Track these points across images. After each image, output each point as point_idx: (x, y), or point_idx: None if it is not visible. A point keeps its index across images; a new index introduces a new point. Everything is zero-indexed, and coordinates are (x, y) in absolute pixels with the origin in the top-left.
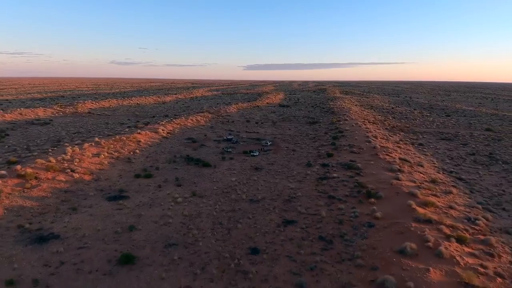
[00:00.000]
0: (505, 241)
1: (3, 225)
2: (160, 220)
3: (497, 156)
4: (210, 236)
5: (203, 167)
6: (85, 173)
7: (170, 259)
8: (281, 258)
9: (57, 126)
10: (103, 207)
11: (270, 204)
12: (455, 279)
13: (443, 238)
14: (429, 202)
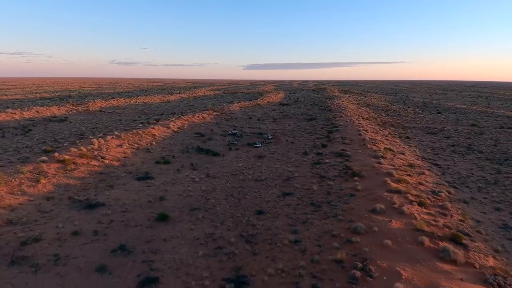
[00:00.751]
0: (460, 207)
1: (56, 197)
2: (183, 193)
3: (475, 147)
4: (224, 204)
5: (213, 156)
6: (113, 159)
7: (196, 217)
8: (281, 217)
9: (74, 123)
10: (134, 185)
11: (272, 182)
12: (410, 227)
13: (407, 202)
14: (402, 180)
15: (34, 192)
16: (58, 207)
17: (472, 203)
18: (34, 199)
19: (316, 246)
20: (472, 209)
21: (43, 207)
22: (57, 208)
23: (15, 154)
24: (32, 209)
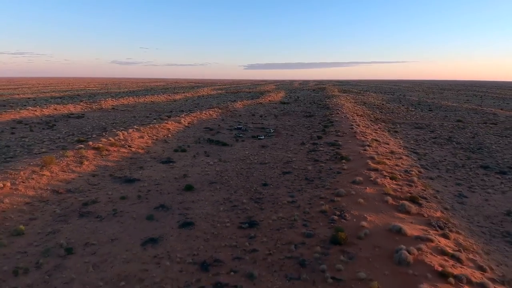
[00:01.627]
0: (425, 181)
1: (100, 174)
2: (201, 172)
3: (454, 139)
4: (236, 179)
5: (222, 146)
6: (138, 148)
7: (214, 188)
8: (281, 187)
9: (92, 119)
10: (160, 166)
11: (274, 165)
12: (380, 192)
13: (381, 177)
14: (381, 162)
15: (81, 170)
16: (103, 181)
17: (438, 179)
18: (83, 176)
19: (307, 204)
20: (435, 183)
21: (92, 181)
22: (102, 182)
23: (52, 144)
24: (83, 182)
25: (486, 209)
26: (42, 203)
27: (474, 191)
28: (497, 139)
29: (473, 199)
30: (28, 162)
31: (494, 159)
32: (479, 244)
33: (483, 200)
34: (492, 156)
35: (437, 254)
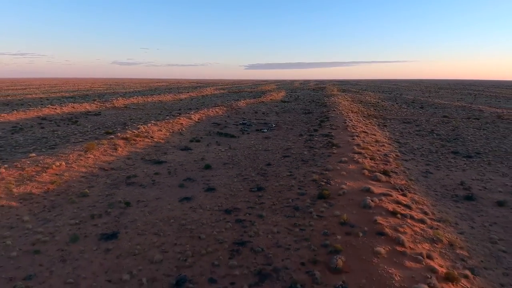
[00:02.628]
0: (399, 162)
1: (133, 158)
2: (215, 157)
3: (436, 131)
4: (244, 161)
5: (230, 137)
6: (159, 139)
7: (228, 167)
8: (282, 166)
9: (109, 116)
10: (180, 153)
11: (276, 151)
12: (360, 168)
13: (363, 158)
14: (365, 147)
15: (117, 154)
16: (137, 163)
17: (411, 161)
18: (119, 158)
19: (302, 176)
20: (408, 164)
21: (128, 162)
22: (136, 163)
23: (83, 135)
24: (121, 163)
25: (445, 181)
26: (94, 177)
27: (439, 169)
28: (475, 131)
29: (436, 174)
30: (72, 148)
31: (465, 146)
32: (430, 201)
33: (445, 175)
34: (464, 145)
35: (393, 203)
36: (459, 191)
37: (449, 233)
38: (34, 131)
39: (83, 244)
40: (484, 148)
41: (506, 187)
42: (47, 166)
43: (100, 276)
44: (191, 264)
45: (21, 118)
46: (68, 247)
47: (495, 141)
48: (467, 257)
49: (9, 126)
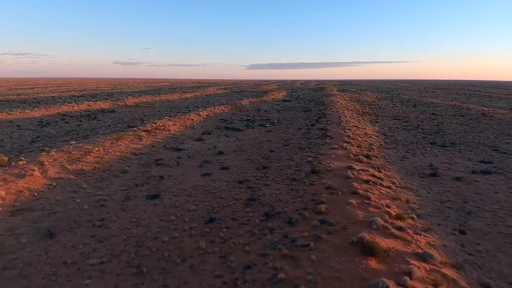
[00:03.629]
0: (382, 149)
1: (156, 146)
2: (226, 145)
3: (421, 126)
4: (251, 149)
5: (237, 131)
6: (175, 132)
7: (237, 153)
8: (282, 152)
9: (124, 113)
10: (195, 142)
11: (277, 141)
12: (347, 153)
13: (350, 145)
14: (354, 138)
15: (142, 143)
16: (160, 150)
17: (392, 149)
18: (145, 146)
19: (299, 159)
20: (389, 151)
21: (152, 149)
22: (160, 150)
23: (108, 128)
24: (147, 149)
25: (417, 163)
26: (128, 159)
27: (415, 155)
28: (456, 126)
29: (411, 159)
30: (104, 138)
31: (444, 139)
32: (399, 176)
33: (418, 160)
34: (443, 137)
35: (368, 176)
36: (427, 170)
37: (408, 195)
38: (61, 125)
39: (135, 201)
40: (460, 140)
41: (467, 168)
42: (88, 151)
43: (153, 218)
44: (217, 211)
45: (44, 114)
46: (124, 203)
47: (472, 135)
48: (417, 208)
49: (35, 121)
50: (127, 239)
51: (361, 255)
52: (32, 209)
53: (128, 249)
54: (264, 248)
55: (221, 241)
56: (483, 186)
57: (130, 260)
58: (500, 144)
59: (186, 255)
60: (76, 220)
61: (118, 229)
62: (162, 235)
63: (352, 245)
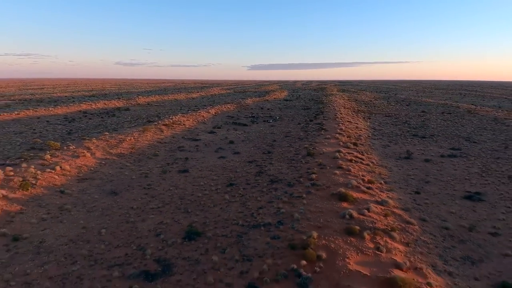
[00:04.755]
0: (369, 139)
1: (176, 137)
2: (235, 137)
3: (408, 122)
4: (257, 140)
5: (243, 125)
6: (190, 126)
7: (245, 142)
8: (283, 142)
9: (139, 111)
10: (209, 135)
11: (279, 133)
12: (338, 141)
13: (341, 136)
14: (346, 131)
15: (164, 135)
16: (180, 139)
17: (378, 140)
18: (166, 137)
19: (297, 146)
20: (375, 141)
21: (173, 139)
22: (180, 140)
23: (131, 123)
24: (169, 139)
25: (396, 150)
26: (156, 146)
27: (396, 144)
28: (441, 122)
29: (392, 147)
30: (131, 130)
31: (425, 131)
32: (379, 158)
33: (399, 147)
34: (425, 130)
35: (352, 156)
36: (403, 155)
37: (382, 170)
38: (86, 121)
39: (170, 174)
40: (439, 133)
41: (437, 153)
42: (122, 140)
43: (187, 184)
44: (234, 180)
45: (67, 111)
46: (162, 175)
47: (451, 128)
48: (387, 178)
49: (61, 117)
50: (172, 195)
51: (337, 200)
52: (93, 178)
53: (174, 201)
54: (271, 198)
55: (240, 196)
56: (445, 166)
57: (178, 206)
58: (474, 135)
59: (216, 203)
60: (129, 185)
61: (163, 190)
62: (196, 192)
63: (332, 196)
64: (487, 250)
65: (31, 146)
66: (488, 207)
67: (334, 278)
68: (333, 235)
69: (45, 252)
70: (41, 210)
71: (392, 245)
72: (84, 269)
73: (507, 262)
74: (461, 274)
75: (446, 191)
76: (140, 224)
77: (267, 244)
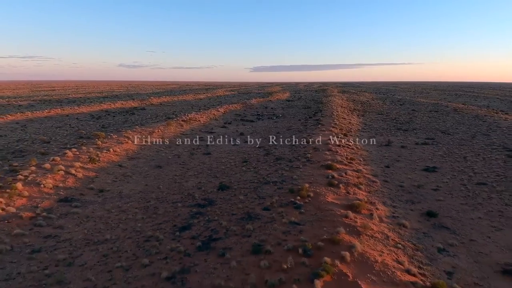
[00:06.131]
0: (358, 131)
1: (195, 129)
2: (244, 130)
3: (397, 119)
4: (263, 132)
5: (250, 122)
6: (204, 122)
7: (253, 134)
8: (286, 133)
9: (155, 110)
10: (221, 129)
11: (282, 128)
12: (330, 133)
13: (335, 129)
14: (340, 125)
15: (184, 128)
16: (199, 132)
17: (366, 132)
18: (187, 130)
19: (298, 137)
20: (363, 133)
21: (193, 132)
22: (198, 132)
23: (153, 120)
24: (189, 132)
25: (380, 140)
26: (180, 137)
27: (381, 135)
28: (426, 118)
29: (377, 137)
30: (156, 125)
31: (409, 126)
32: (363, 145)
33: (382, 138)
34: (409, 125)
35: (342, 143)
36: (384, 143)
37: (364, 153)
38: (112, 118)
39: (197, 156)
40: (421, 127)
41: (413, 142)
42: (151, 131)
43: (211, 161)
44: (248, 158)
45: (90, 110)
46: (191, 156)
47: (433, 124)
48: (366, 157)
49: (87, 115)
50: (202, 168)
51: (325, 169)
52: (139, 158)
53: (205, 171)
54: (276, 169)
55: (253, 168)
56: (416, 151)
57: (208, 174)
58: (450, 129)
59: (236, 172)
60: (168, 162)
61: (194, 165)
62: (220, 166)
63: (321, 166)
64: (426, 197)
65: (79, 135)
66: (439, 175)
67: (317, 205)
68: (318, 186)
69: (126, 197)
70: (110, 176)
71: (358, 192)
72: (156, 203)
73: (438, 204)
74: (401, 207)
75: (410, 166)
76: (185, 183)
77: (274, 191)
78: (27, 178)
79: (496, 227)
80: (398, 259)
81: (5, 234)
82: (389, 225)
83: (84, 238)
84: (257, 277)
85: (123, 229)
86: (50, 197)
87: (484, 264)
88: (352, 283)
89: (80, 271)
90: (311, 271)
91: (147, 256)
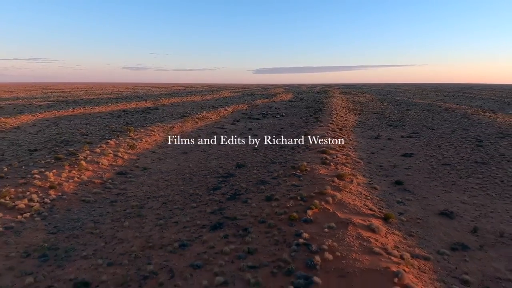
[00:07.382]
0: (352, 127)
1: (209, 125)
2: (252, 126)
3: (390, 117)
4: (269, 127)
5: (256, 120)
6: (215, 119)
7: (260, 130)
8: (289, 129)
9: (168, 109)
10: (231, 125)
11: (285, 124)
12: (327, 129)
13: (332, 125)
14: (337, 122)
15: (199, 124)
16: (212, 128)
17: (360, 128)
18: (201, 126)
19: (299, 132)
20: (357, 129)
21: (207, 128)
22: (212, 128)
23: (169, 118)
24: (204, 127)
25: (371, 134)
26: (196, 131)
27: (373, 131)
28: (417, 117)
29: (369, 132)
30: (174, 122)
31: (400, 123)
32: (355, 138)
33: (373, 132)
34: (400, 122)
35: (335, 134)
36: (374, 136)
37: (355, 143)
38: (131, 116)
39: (215, 145)
40: (410, 124)
41: (399, 135)
42: (172, 127)
43: (227, 149)
44: (258, 147)
45: (109, 110)
46: (209, 146)
47: (422, 121)
48: (357, 146)
49: (108, 114)
50: (220, 154)
51: (320, 153)
52: (167, 146)
53: (223, 155)
54: (281, 154)
55: (262, 153)
56: (400, 142)
57: (226, 158)
58: (436, 125)
59: (248, 156)
60: (191, 150)
61: (214, 152)
62: (234, 152)
63: (318, 151)
64: (398, 173)
65: (111, 129)
66: (413, 159)
67: (312, 175)
68: (314, 164)
69: (166, 172)
70: (148, 159)
71: (345, 168)
72: (190, 176)
73: (406, 177)
74: (376, 179)
75: (391, 153)
76: (208, 164)
77: (280, 167)
78: (86, 158)
79: (446, 191)
80: (365, 204)
81: (87, 192)
82: (364, 187)
83: (145, 194)
84: (270, 211)
85: (171, 190)
86: (109, 171)
87: (428, 210)
88: (332, 213)
89: (150, 211)
90: (306, 207)
91: (193, 202)
